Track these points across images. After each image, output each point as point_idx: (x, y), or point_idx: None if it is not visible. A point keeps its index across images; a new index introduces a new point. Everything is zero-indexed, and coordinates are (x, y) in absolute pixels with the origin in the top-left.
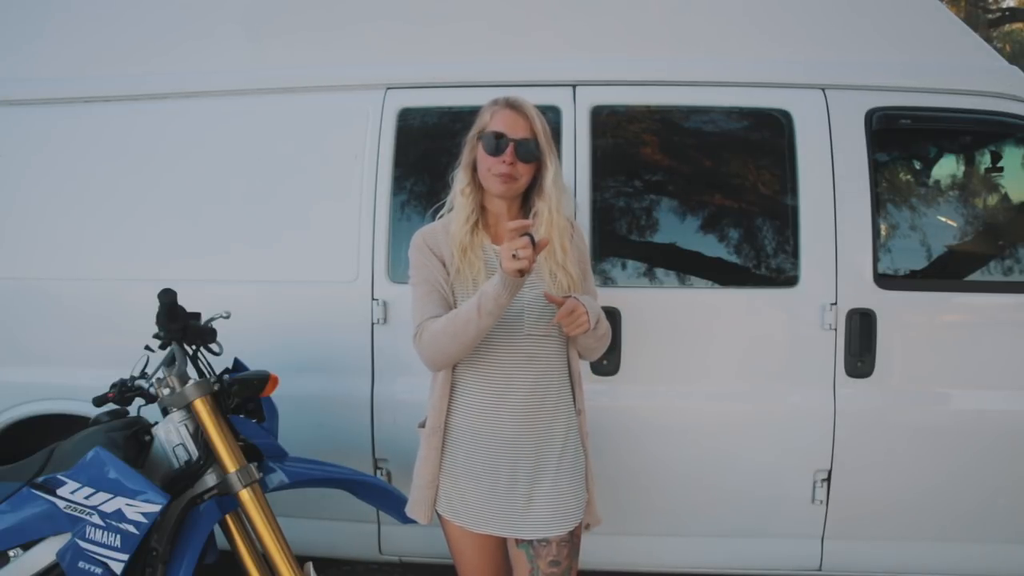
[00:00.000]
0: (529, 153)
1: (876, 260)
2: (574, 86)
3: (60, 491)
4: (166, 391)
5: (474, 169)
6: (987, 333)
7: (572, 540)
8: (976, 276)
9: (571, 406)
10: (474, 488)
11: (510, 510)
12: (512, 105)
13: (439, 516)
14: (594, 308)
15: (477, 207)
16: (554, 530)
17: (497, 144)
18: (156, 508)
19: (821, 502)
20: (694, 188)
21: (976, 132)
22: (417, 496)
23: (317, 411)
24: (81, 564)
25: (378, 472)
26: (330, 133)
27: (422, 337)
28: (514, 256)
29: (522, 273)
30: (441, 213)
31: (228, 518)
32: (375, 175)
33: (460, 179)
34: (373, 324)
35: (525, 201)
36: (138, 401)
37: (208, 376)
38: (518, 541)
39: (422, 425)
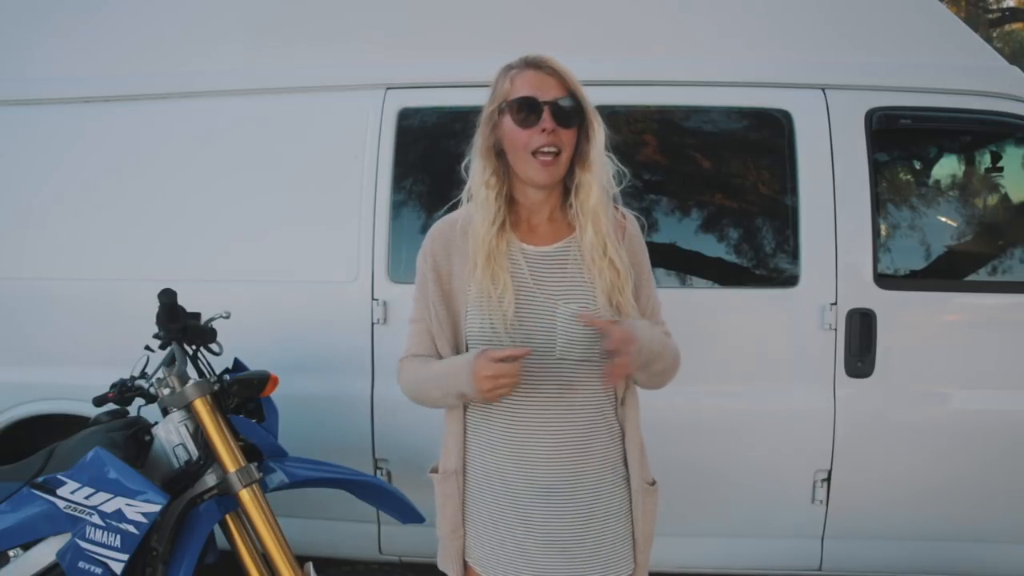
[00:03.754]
0: (571, 115)
1: (876, 260)
2: None
3: (60, 491)
4: (166, 391)
5: (496, 155)
6: (987, 333)
7: None
8: (976, 276)
9: (618, 441)
10: (502, 540)
11: (546, 567)
12: (534, 64)
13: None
14: (649, 337)
15: (504, 204)
16: None
17: (529, 111)
18: (156, 508)
19: (821, 502)
20: (694, 188)
21: (976, 132)
22: (443, 547)
23: (317, 411)
24: (81, 564)
25: (378, 472)
26: (330, 133)
27: (401, 373)
28: (490, 379)
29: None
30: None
31: (228, 518)
32: (375, 175)
33: (481, 168)
34: (373, 324)
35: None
36: (138, 401)
37: (208, 376)
38: None
39: (434, 470)
